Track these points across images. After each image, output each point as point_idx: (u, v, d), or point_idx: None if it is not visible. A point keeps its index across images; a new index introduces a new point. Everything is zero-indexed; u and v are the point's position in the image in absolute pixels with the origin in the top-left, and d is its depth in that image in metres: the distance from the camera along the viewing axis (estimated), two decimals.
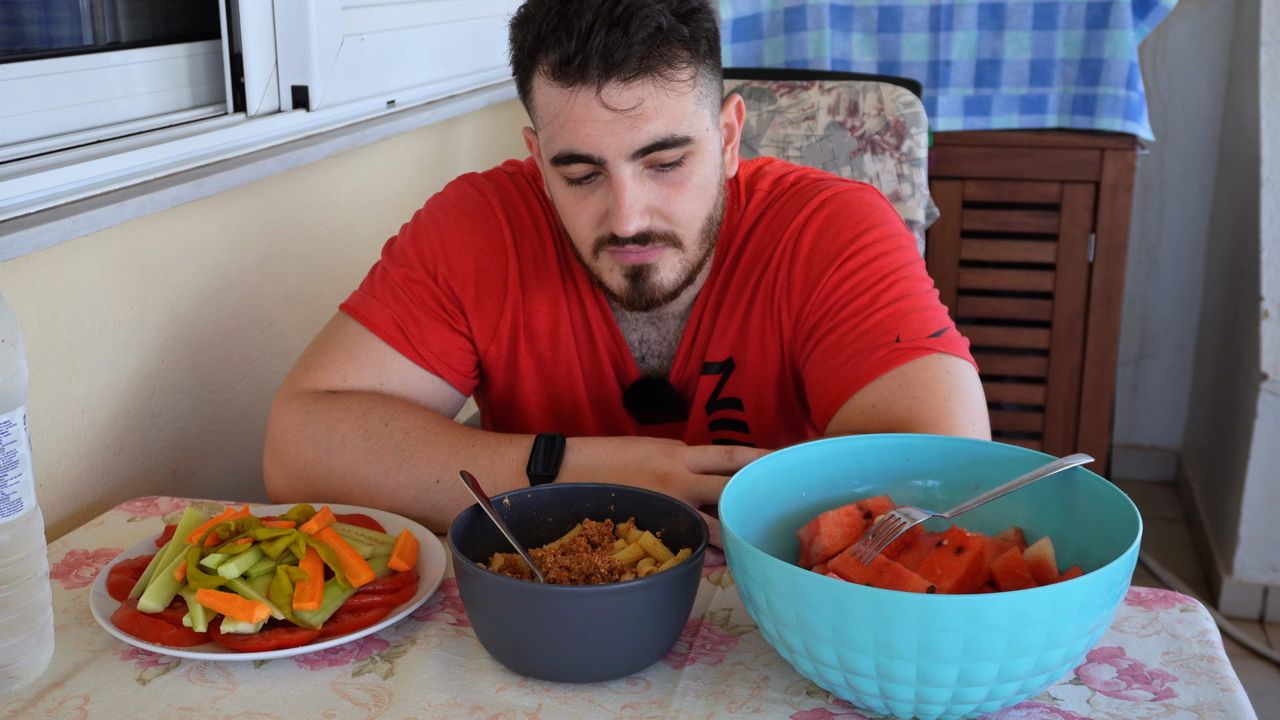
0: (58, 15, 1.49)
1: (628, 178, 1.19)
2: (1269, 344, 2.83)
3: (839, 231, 1.30)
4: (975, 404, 1.23)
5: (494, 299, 1.35)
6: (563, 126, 1.18)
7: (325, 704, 0.97)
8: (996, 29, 2.71)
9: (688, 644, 1.05)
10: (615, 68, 1.15)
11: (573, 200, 1.23)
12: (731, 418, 1.37)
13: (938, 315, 1.27)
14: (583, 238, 1.25)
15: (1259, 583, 2.92)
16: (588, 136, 1.17)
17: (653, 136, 1.17)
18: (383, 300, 1.33)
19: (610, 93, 1.16)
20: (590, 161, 1.19)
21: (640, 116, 1.16)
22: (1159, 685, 0.98)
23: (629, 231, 1.20)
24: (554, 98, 1.18)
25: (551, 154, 1.21)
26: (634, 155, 1.18)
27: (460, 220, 1.36)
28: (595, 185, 1.22)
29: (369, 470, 1.25)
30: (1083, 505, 1.02)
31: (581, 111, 1.17)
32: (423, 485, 1.24)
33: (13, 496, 0.95)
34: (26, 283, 1.27)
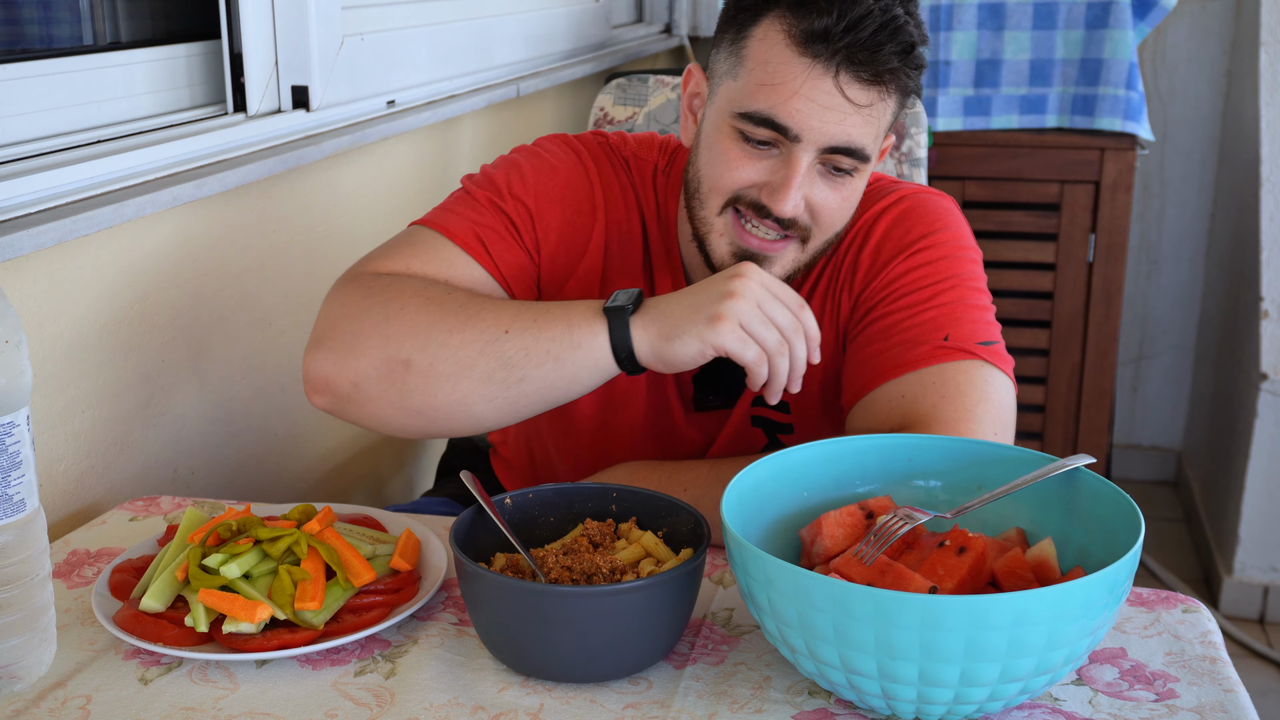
0: (58, 15, 1.49)
1: (805, 164, 1.19)
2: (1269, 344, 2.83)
3: (912, 226, 1.31)
4: (1001, 416, 1.23)
5: (569, 256, 1.33)
6: (775, 89, 1.17)
7: (327, 704, 0.97)
8: (996, 29, 2.72)
9: (689, 644, 1.05)
10: (864, 65, 1.15)
11: (736, 155, 1.22)
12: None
13: (990, 328, 1.27)
14: (722, 187, 1.23)
15: (1259, 583, 2.92)
16: (796, 111, 1.17)
17: (850, 140, 1.18)
18: (461, 214, 1.29)
19: (847, 82, 1.16)
20: (781, 134, 1.18)
21: (852, 116, 1.17)
22: (1161, 686, 0.98)
23: (786, 213, 1.20)
24: (785, 58, 1.17)
25: (746, 109, 1.19)
26: (824, 149, 1.19)
27: (556, 170, 1.34)
28: (765, 154, 1.21)
29: (430, 330, 1.15)
30: (1085, 506, 1.02)
31: (806, 86, 1.16)
32: (489, 337, 1.14)
33: (16, 497, 0.95)
34: (27, 283, 1.27)
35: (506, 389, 1.15)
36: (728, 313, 1.10)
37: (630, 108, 2.20)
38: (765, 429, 1.38)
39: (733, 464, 1.20)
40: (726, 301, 1.10)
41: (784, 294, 1.13)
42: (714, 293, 1.12)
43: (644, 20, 3.21)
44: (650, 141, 1.40)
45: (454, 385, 1.15)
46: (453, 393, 1.15)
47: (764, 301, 1.11)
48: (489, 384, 1.14)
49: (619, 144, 1.39)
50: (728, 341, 1.10)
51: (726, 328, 1.10)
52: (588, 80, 2.65)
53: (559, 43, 2.50)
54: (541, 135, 2.46)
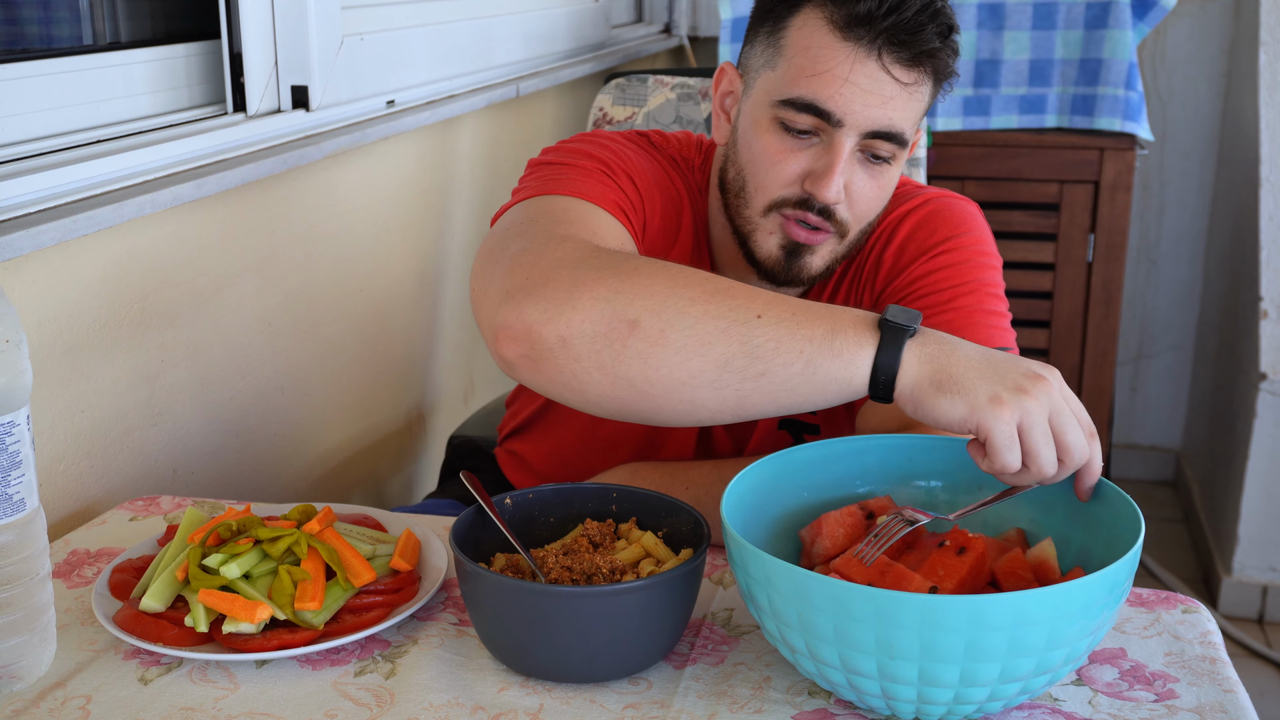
0: (57, 15, 1.49)
1: (848, 149, 1.20)
2: (1268, 344, 2.83)
3: (936, 228, 1.32)
4: None
5: (665, 243, 1.32)
6: (818, 75, 1.18)
7: (327, 704, 0.97)
8: (995, 29, 2.72)
9: (689, 644, 1.05)
10: (906, 46, 1.17)
11: (778, 149, 1.22)
12: None
13: (1005, 335, 1.28)
14: (767, 189, 1.24)
15: (1258, 582, 2.92)
16: (840, 95, 1.18)
17: (892, 123, 1.19)
18: (590, 185, 1.20)
19: (890, 63, 1.17)
20: (824, 120, 1.19)
21: (895, 99, 1.18)
22: (1161, 686, 0.98)
23: (830, 199, 1.20)
24: (827, 44, 1.18)
25: (789, 95, 1.20)
26: (866, 133, 1.19)
27: (641, 157, 1.32)
28: (806, 143, 1.22)
29: (670, 293, 1.01)
30: (1085, 506, 1.02)
31: (850, 70, 1.17)
32: (739, 317, 1.00)
33: (16, 497, 0.95)
34: (26, 282, 1.27)
35: (742, 381, 1.00)
36: (1014, 406, 0.95)
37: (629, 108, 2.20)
38: (792, 430, 1.38)
39: (733, 464, 1.21)
40: (1020, 395, 0.95)
41: (1082, 416, 0.98)
42: (1013, 373, 0.97)
43: (643, 20, 3.21)
44: (687, 140, 1.41)
45: (684, 361, 1.00)
46: (680, 369, 1.00)
47: (1059, 414, 0.96)
48: (724, 370, 1.00)
49: (662, 143, 1.40)
50: (997, 433, 0.95)
51: (1006, 416, 0.94)
52: (587, 80, 2.65)
53: (558, 43, 2.50)
54: (541, 136, 2.47)
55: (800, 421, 1.38)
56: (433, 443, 2.15)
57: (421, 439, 2.12)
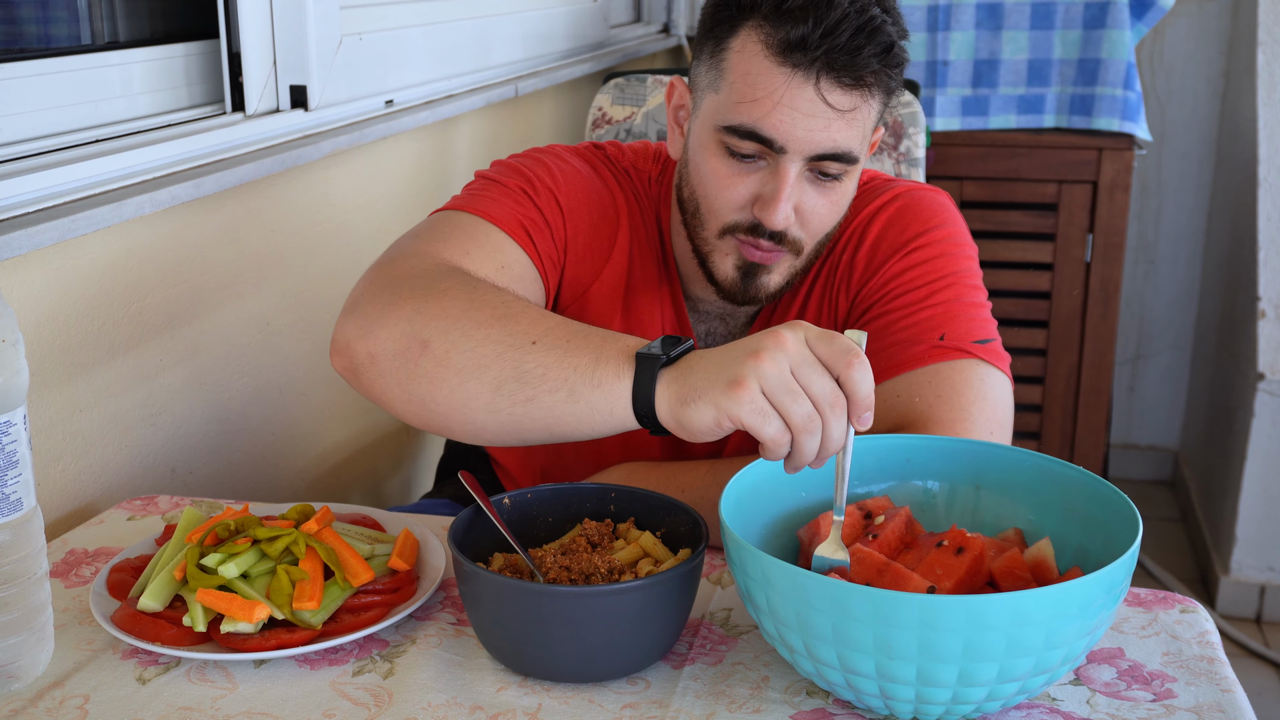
0: (56, 15, 1.49)
1: (793, 175, 1.19)
2: (1266, 344, 2.83)
3: (907, 224, 1.31)
4: (998, 415, 1.23)
5: (595, 260, 1.32)
6: (757, 101, 1.17)
7: (325, 704, 0.97)
8: (994, 29, 2.72)
9: (688, 644, 1.05)
10: (844, 70, 1.15)
11: (725, 174, 1.21)
12: None
13: (987, 325, 1.28)
14: (718, 213, 1.23)
15: (1256, 582, 2.93)
16: (780, 122, 1.16)
17: (836, 146, 1.18)
18: (499, 201, 1.25)
19: (828, 89, 1.15)
20: (767, 146, 1.18)
21: (836, 122, 1.16)
22: (1159, 686, 0.98)
23: (778, 225, 1.19)
24: (764, 70, 1.16)
25: (728, 123, 1.19)
26: (811, 157, 1.18)
27: (580, 173, 1.32)
28: (753, 168, 1.21)
29: (461, 316, 1.06)
30: (1082, 506, 1.02)
31: (788, 96, 1.15)
32: (516, 341, 1.03)
33: (13, 496, 0.95)
34: (25, 282, 1.27)
35: (513, 405, 1.03)
36: (749, 377, 0.93)
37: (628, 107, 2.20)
38: None
39: (731, 464, 1.20)
40: (750, 362, 0.93)
41: (831, 354, 0.94)
42: (741, 350, 0.95)
43: (642, 20, 3.21)
44: (644, 151, 1.40)
45: (462, 383, 1.04)
46: (459, 390, 1.05)
47: (800, 366, 0.93)
48: (497, 394, 1.03)
49: (616, 155, 1.39)
50: (744, 413, 0.93)
51: (745, 396, 0.93)
52: (586, 80, 2.65)
53: (557, 42, 2.50)
54: (540, 135, 2.47)
55: None
56: (431, 442, 2.15)
57: (419, 439, 2.12)
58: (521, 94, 2.28)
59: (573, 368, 1.01)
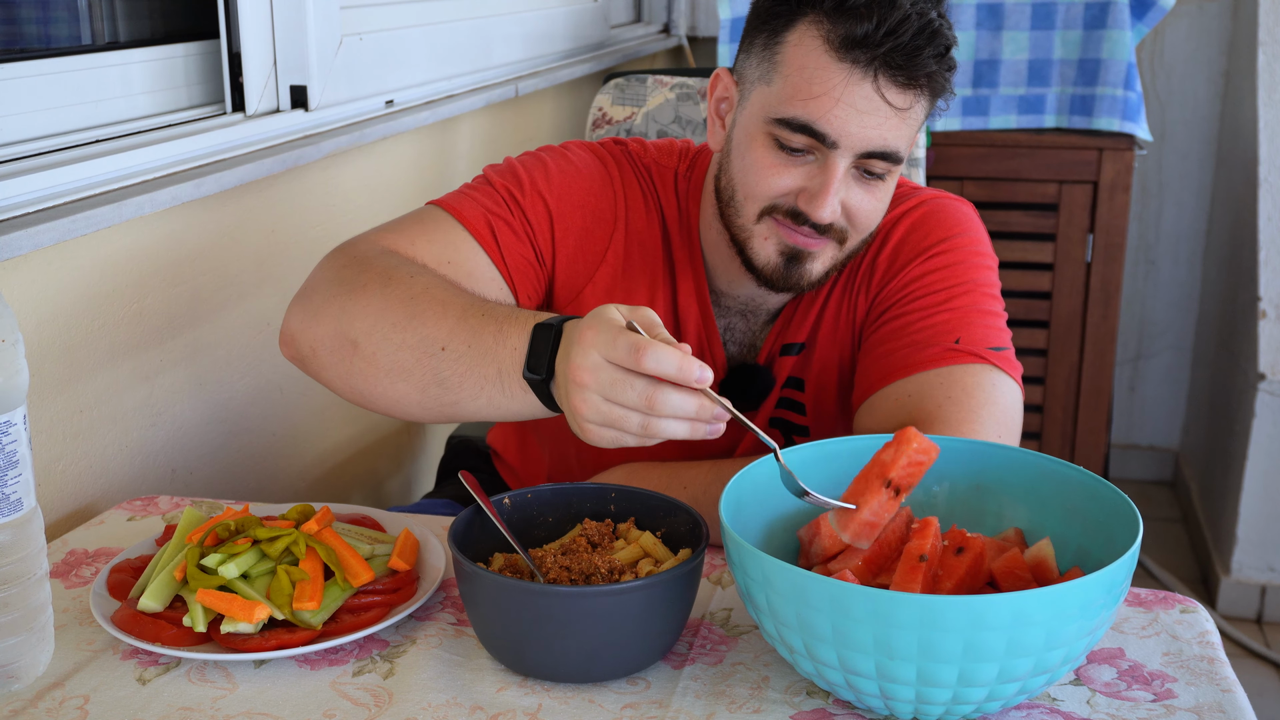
0: (56, 15, 1.49)
1: (842, 170, 1.20)
2: (1266, 344, 2.83)
3: (931, 229, 1.32)
4: (1006, 420, 1.23)
5: (586, 262, 1.32)
6: (815, 98, 1.17)
7: (325, 704, 0.97)
8: (994, 29, 2.72)
9: (688, 644, 1.05)
10: (903, 69, 1.16)
11: (771, 163, 1.22)
12: (791, 397, 1.37)
13: (1002, 334, 1.28)
14: (758, 196, 1.23)
15: (1256, 583, 2.93)
16: (835, 118, 1.17)
17: (887, 144, 1.19)
18: (477, 200, 1.27)
19: (886, 86, 1.16)
20: (819, 141, 1.18)
21: (890, 120, 1.18)
22: (1159, 686, 0.98)
23: (825, 219, 1.20)
24: (823, 64, 1.17)
25: (783, 115, 1.19)
26: (861, 154, 1.19)
27: (582, 173, 1.33)
28: (800, 161, 1.21)
29: (379, 318, 1.11)
30: (1083, 506, 1.02)
31: (846, 93, 1.16)
32: (427, 348, 1.09)
33: (13, 496, 0.95)
34: (25, 282, 1.27)
35: (442, 406, 1.10)
36: (585, 419, 0.97)
37: (629, 107, 2.20)
38: (783, 430, 1.39)
39: (731, 464, 1.21)
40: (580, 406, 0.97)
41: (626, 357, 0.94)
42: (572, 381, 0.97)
43: (642, 20, 3.21)
44: (670, 148, 1.41)
45: (393, 384, 1.11)
46: (391, 390, 1.12)
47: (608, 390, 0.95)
48: (424, 395, 1.10)
49: (639, 151, 1.39)
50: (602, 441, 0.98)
51: (594, 437, 0.98)
52: (586, 80, 2.65)
53: (557, 42, 2.50)
54: (540, 135, 2.47)
55: (790, 422, 1.38)
56: (431, 442, 2.15)
57: (420, 439, 2.12)
58: (522, 94, 2.28)
59: (483, 378, 1.07)
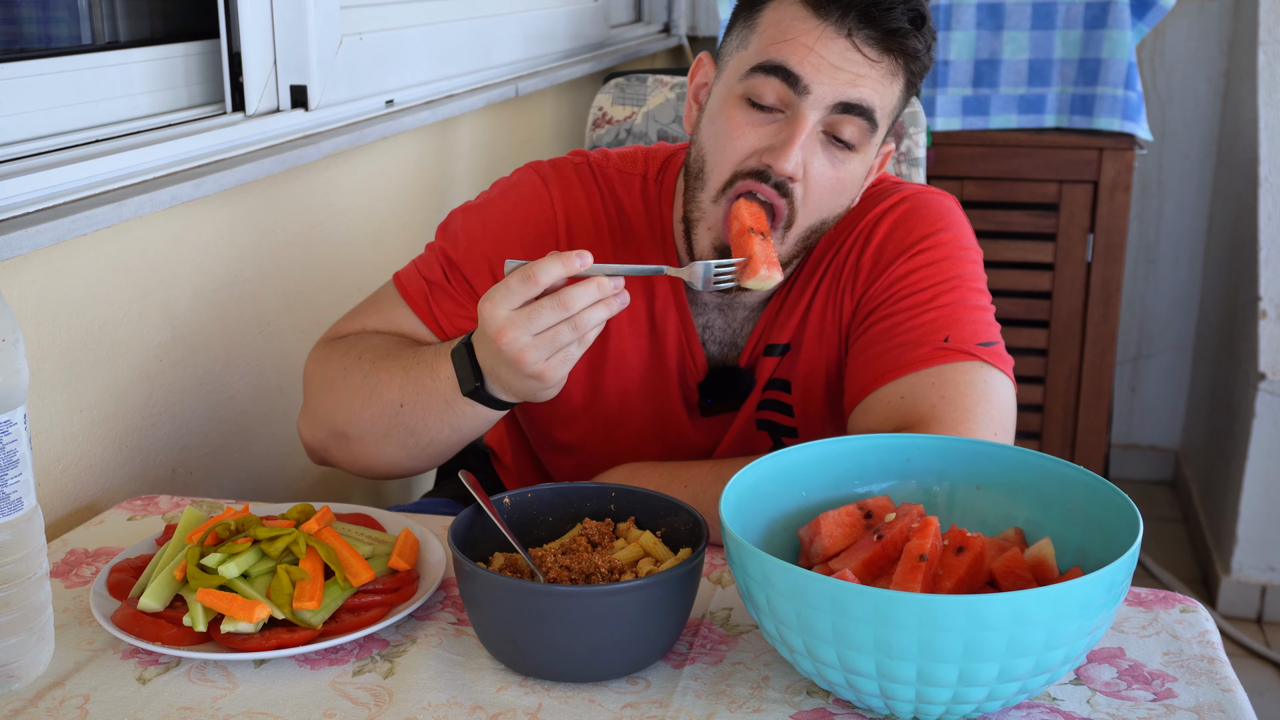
0: (56, 15, 1.49)
1: (812, 121, 1.20)
2: (1267, 344, 2.83)
3: (914, 226, 1.32)
4: (1000, 417, 1.23)
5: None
6: (788, 43, 1.19)
7: (325, 703, 0.97)
8: (995, 29, 2.72)
9: (688, 643, 1.05)
10: (876, 24, 1.18)
11: (741, 123, 1.22)
12: (778, 399, 1.37)
13: (990, 328, 1.28)
14: (725, 164, 1.23)
15: (1257, 582, 2.93)
16: (808, 63, 1.19)
17: (862, 98, 1.20)
18: (421, 269, 1.36)
19: (860, 41, 1.18)
20: (791, 85, 1.19)
21: (865, 76, 1.19)
22: (1159, 686, 0.98)
23: (788, 169, 1.20)
24: (798, 18, 1.20)
25: (759, 61, 1.21)
26: (832, 107, 1.20)
27: (518, 207, 1.35)
28: (770, 118, 1.22)
29: (350, 403, 1.27)
30: (1083, 505, 1.02)
31: (819, 41, 1.18)
32: (391, 413, 1.24)
33: (13, 496, 0.95)
34: (25, 282, 1.27)
35: (423, 449, 1.26)
36: (534, 366, 1.10)
37: (629, 107, 2.20)
38: (770, 432, 1.38)
39: (731, 464, 1.21)
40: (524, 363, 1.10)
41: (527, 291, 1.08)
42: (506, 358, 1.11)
43: (642, 20, 3.21)
44: (633, 155, 1.40)
45: (381, 450, 1.27)
46: (384, 456, 1.28)
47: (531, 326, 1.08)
48: (406, 448, 1.26)
49: (601, 162, 1.39)
50: (561, 373, 1.12)
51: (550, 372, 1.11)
52: (586, 80, 2.65)
53: (558, 42, 2.50)
54: (540, 135, 2.47)
55: (777, 423, 1.38)
56: None
57: None
58: (522, 94, 2.28)
59: (438, 413, 1.22)
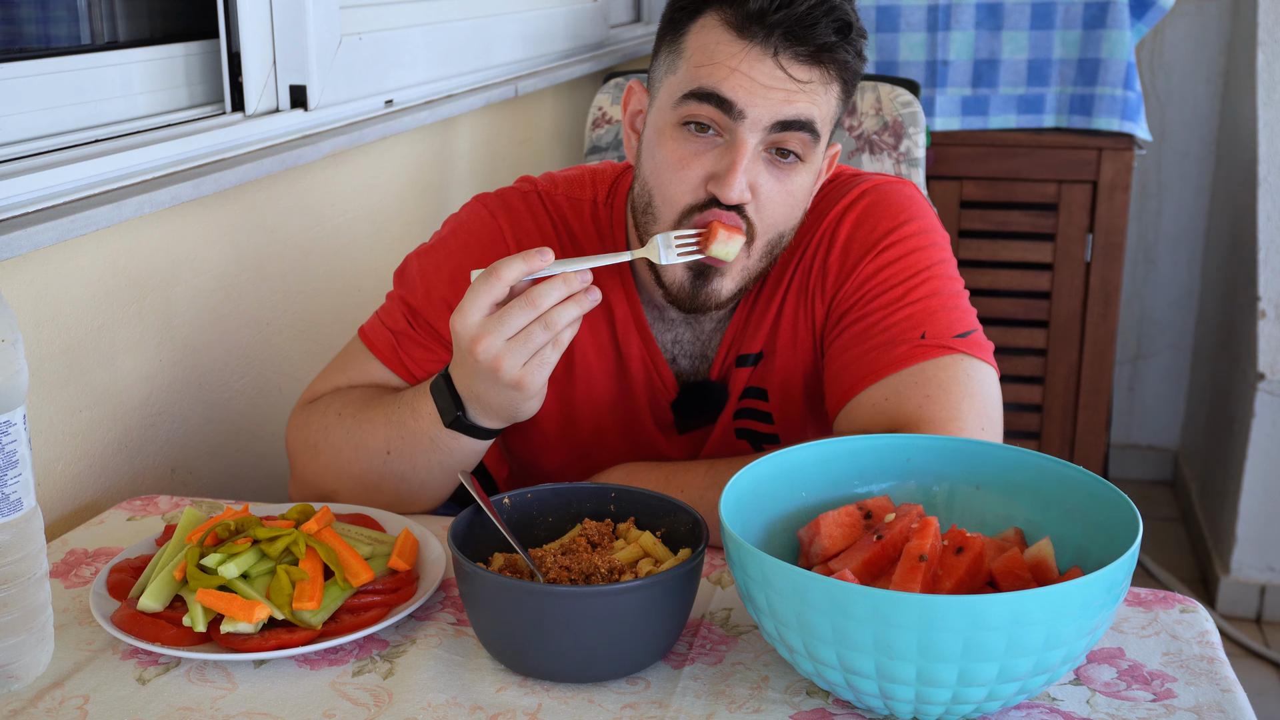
0: (55, 14, 1.49)
1: (751, 146, 1.18)
2: (1266, 343, 2.83)
3: (876, 222, 1.30)
4: (988, 409, 1.22)
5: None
6: (716, 67, 1.17)
7: (325, 704, 0.97)
8: (994, 29, 2.72)
9: (687, 644, 1.05)
10: (802, 41, 1.16)
11: (680, 155, 1.20)
12: (755, 408, 1.36)
13: (966, 316, 1.27)
14: (673, 199, 1.21)
15: (1256, 582, 2.93)
16: (739, 86, 1.16)
17: (799, 114, 1.17)
18: (384, 321, 1.36)
19: (786, 60, 1.16)
20: (725, 111, 1.17)
21: (799, 93, 1.17)
22: (1159, 686, 0.98)
23: (733, 198, 1.18)
24: (722, 42, 1.17)
25: (689, 88, 1.18)
26: (770, 127, 1.18)
27: (469, 245, 1.34)
28: (709, 144, 1.19)
29: (336, 463, 1.29)
30: (1082, 506, 1.02)
31: (747, 66, 1.16)
32: (378, 462, 1.26)
33: (13, 496, 0.95)
34: (24, 282, 1.27)
35: (415, 493, 1.28)
36: (511, 373, 1.11)
37: None
38: (750, 440, 1.37)
39: (731, 464, 1.20)
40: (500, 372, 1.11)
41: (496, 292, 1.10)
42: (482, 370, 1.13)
43: (642, 20, 3.21)
44: (580, 179, 1.38)
45: (379, 498, 1.29)
46: (383, 501, 1.29)
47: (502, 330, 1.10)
48: (398, 495, 1.28)
49: (549, 189, 1.37)
50: (540, 380, 1.13)
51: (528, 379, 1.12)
52: (586, 80, 2.65)
53: (557, 42, 2.50)
54: (540, 135, 2.47)
55: (757, 431, 1.37)
56: None
57: None
58: (521, 94, 2.28)
59: (424, 452, 1.24)
